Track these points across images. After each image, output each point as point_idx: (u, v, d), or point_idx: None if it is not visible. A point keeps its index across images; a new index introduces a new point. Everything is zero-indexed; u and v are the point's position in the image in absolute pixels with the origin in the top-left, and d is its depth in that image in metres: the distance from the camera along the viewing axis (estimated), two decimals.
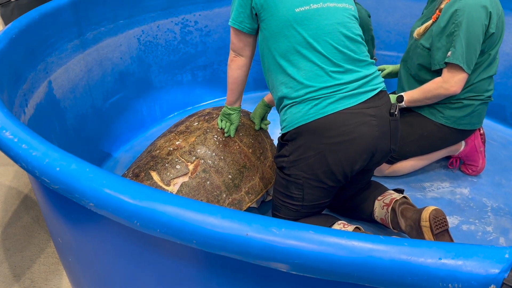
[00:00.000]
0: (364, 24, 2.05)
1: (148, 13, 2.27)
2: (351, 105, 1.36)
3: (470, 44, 1.63)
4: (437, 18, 1.73)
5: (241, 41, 1.53)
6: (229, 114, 1.67)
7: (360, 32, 1.47)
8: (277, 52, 1.42)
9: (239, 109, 1.68)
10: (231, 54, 1.57)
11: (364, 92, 1.39)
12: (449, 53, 1.65)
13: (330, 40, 1.39)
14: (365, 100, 1.38)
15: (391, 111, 1.43)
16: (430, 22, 1.77)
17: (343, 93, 1.36)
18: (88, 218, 0.98)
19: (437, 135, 1.84)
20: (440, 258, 0.64)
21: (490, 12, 1.62)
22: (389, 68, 2.15)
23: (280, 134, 1.50)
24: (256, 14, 1.45)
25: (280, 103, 1.48)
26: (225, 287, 0.89)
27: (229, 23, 1.52)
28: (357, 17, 1.51)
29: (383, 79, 1.50)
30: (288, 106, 1.42)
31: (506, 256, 0.63)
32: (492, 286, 0.62)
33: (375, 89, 1.41)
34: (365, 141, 1.37)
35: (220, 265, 0.85)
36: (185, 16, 2.41)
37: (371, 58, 2.39)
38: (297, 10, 1.39)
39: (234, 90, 1.62)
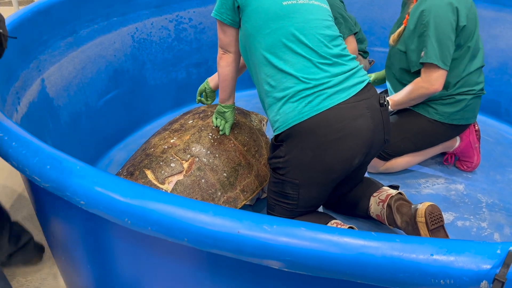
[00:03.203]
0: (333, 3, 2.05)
1: (142, 10, 2.26)
2: (343, 99, 1.35)
3: (440, 41, 1.65)
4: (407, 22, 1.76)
5: (227, 36, 1.52)
6: (223, 112, 1.66)
7: (338, 32, 1.50)
8: (261, 46, 1.41)
9: (233, 107, 1.67)
10: (220, 51, 1.56)
11: (353, 85, 1.38)
12: (422, 53, 1.69)
13: (316, 34, 1.39)
14: (356, 93, 1.37)
15: (381, 101, 1.43)
16: (402, 27, 1.81)
17: (333, 86, 1.35)
18: (79, 216, 0.97)
19: (431, 131, 1.84)
20: (432, 254, 0.64)
21: (457, 7, 1.64)
22: (371, 76, 2.17)
23: (274, 134, 1.48)
24: (238, 6, 1.45)
25: (266, 98, 1.46)
26: (218, 284, 0.89)
27: (212, 14, 1.52)
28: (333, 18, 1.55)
29: (366, 72, 1.50)
30: (280, 104, 1.40)
31: (498, 252, 0.63)
32: (484, 281, 0.62)
33: (363, 81, 1.41)
34: (363, 135, 1.36)
35: (213, 263, 0.85)
36: (179, 13, 2.39)
37: (362, 51, 2.41)
38: (284, 3, 1.40)
39: (225, 87, 1.61)
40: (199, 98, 1.96)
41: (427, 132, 1.85)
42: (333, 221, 1.50)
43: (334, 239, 0.68)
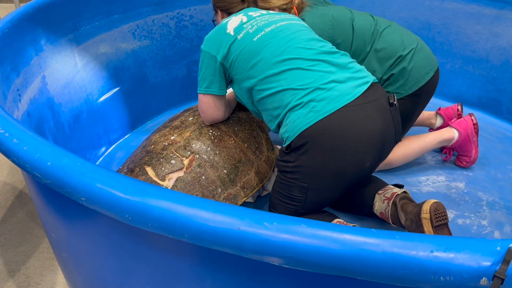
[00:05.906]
0: None
1: (143, 7, 2.26)
2: (349, 101, 1.32)
3: None
4: None
5: (216, 106, 1.59)
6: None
7: (317, 36, 1.52)
8: (253, 85, 1.45)
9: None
10: (205, 120, 1.65)
11: (358, 85, 1.37)
12: None
13: (295, 44, 1.42)
14: (362, 94, 1.35)
15: (390, 101, 1.42)
16: None
17: (334, 89, 1.34)
18: (80, 213, 0.97)
19: (402, 110, 1.82)
20: (432, 251, 0.64)
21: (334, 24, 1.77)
22: None
23: (284, 146, 1.45)
24: (224, 69, 1.51)
25: (274, 123, 1.46)
26: (219, 281, 0.89)
27: (204, 92, 1.56)
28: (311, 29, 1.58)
29: (368, 72, 1.48)
30: (286, 117, 1.39)
31: (498, 248, 0.63)
32: (483, 278, 0.62)
33: (367, 82, 1.40)
34: (373, 137, 1.34)
35: (213, 260, 0.85)
36: (180, 11, 2.39)
37: None
38: (254, 39, 1.45)
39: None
40: None
41: (400, 113, 1.84)
42: (336, 220, 1.50)
43: (335, 236, 0.68)
